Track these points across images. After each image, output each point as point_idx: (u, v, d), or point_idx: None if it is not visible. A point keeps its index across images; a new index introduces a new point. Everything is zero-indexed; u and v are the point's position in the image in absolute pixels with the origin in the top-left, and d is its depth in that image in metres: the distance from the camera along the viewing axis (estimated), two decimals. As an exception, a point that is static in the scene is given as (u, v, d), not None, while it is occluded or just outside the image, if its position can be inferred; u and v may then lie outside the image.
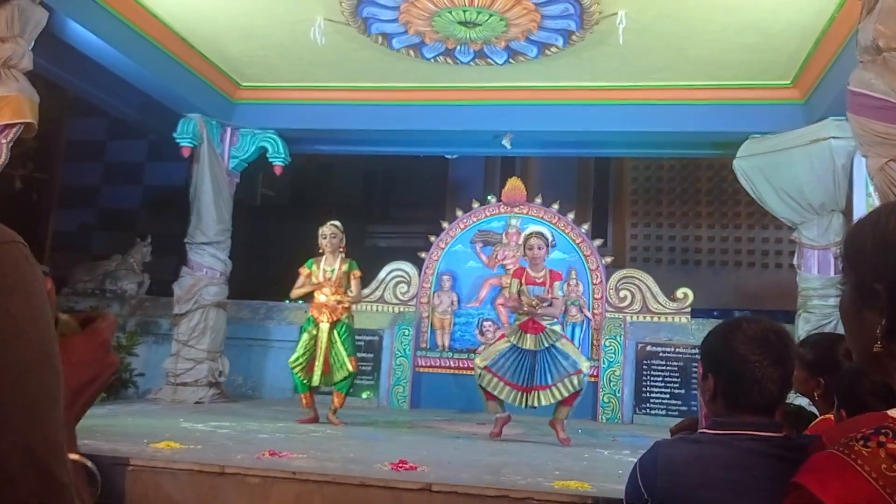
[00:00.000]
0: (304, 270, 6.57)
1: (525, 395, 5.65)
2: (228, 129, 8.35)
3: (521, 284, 5.86)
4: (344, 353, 6.37)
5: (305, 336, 6.46)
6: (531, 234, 5.96)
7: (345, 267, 6.51)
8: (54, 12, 5.38)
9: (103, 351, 0.77)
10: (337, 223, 6.66)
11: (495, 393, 5.70)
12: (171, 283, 8.20)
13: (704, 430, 1.84)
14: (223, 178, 8.18)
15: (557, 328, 5.86)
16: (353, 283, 6.52)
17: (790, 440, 1.70)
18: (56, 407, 0.61)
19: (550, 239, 6.11)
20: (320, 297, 6.46)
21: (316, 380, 6.39)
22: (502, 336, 6.05)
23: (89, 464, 0.75)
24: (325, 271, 6.50)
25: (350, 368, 6.37)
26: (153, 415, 6.44)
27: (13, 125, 4.69)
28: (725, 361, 1.78)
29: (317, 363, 6.35)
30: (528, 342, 5.69)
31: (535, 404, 5.69)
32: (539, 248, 5.83)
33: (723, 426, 1.76)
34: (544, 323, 5.72)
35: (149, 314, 9.11)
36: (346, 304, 6.47)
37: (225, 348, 8.21)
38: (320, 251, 6.55)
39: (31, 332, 0.60)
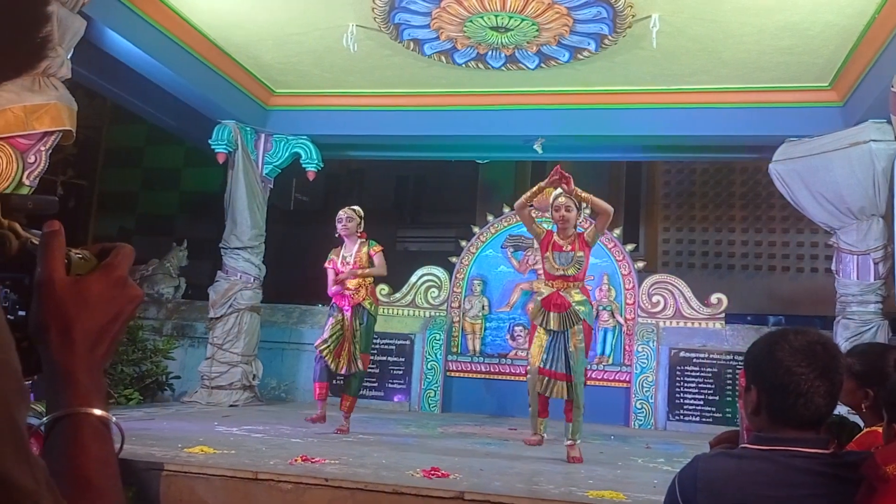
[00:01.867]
0: (328, 265, 6.39)
1: (549, 380, 5.11)
2: (262, 136, 8.43)
3: (542, 244, 5.32)
4: (357, 349, 6.13)
5: (332, 320, 6.24)
6: (560, 193, 5.29)
7: (364, 249, 6.27)
8: (92, 22, 5.47)
9: (121, 286, 0.74)
10: (355, 207, 6.44)
11: (548, 394, 5.12)
12: (207, 286, 8.30)
13: (747, 445, 1.80)
14: (257, 183, 8.27)
15: (583, 309, 5.19)
16: (375, 259, 6.24)
17: (839, 457, 1.65)
18: (14, 412, 0.56)
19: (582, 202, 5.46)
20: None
21: (339, 367, 6.11)
22: (533, 328, 5.37)
23: (114, 419, 0.72)
24: (344, 258, 6.30)
25: (360, 366, 6.13)
26: (188, 418, 6.51)
27: (52, 132, 4.77)
28: (770, 373, 1.73)
29: (344, 351, 6.13)
30: (553, 321, 5.14)
31: (566, 395, 5.10)
32: (568, 210, 5.22)
33: (766, 441, 1.71)
34: (570, 299, 5.13)
35: (185, 318, 9.21)
36: (369, 286, 6.24)
37: (259, 352, 8.29)
38: (338, 236, 6.34)
39: None
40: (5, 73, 0.69)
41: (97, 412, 0.70)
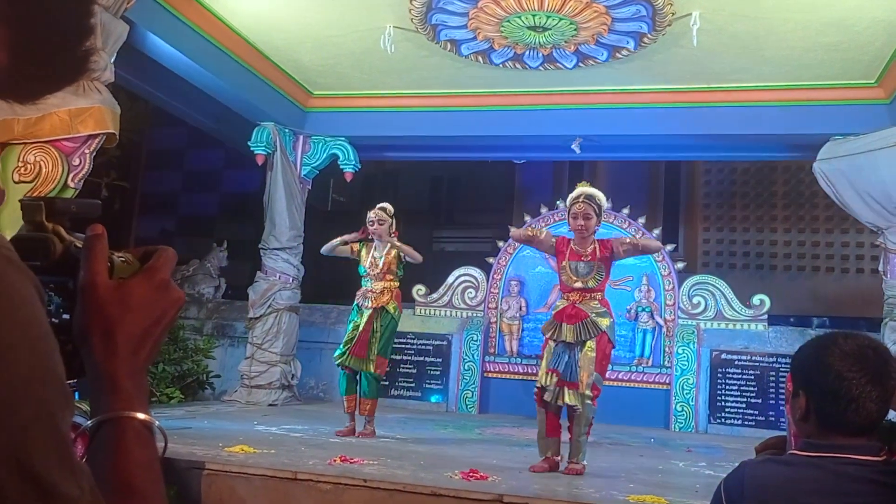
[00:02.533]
0: (354, 245, 6.17)
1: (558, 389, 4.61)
2: (301, 137, 8.50)
3: (557, 255, 4.87)
4: (375, 351, 5.86)
5: (350, 326, 6.04)
6: (580, 198, 4.74)
7: (394, 252, 6.03)
8: (135, 26, 5.55)
9: (163, 290, 0.74)
10: (385, 206, 6.15)
11: (558, 401, 4.63)
12: (246, 287, 8.39)
13: (795, 452, 1.76)
14: (296, 184, 8.33)
15: (605, 321, 4.70)
16: (407, 251, 5.96)
17: (891, 464, 1.60)
18: (58, 420, 0.55)
19: (604, 206, 4.97)
20: (366, 284, 6.07)
21: (347, 360, 5.84)
22: (546, 342, 4.89)
23: (157, 423, 0.72)
24: (373, 258, 6.04)
25: (373, 367, 5.83)
26: (228, 417, 6.58)
27: (96, 136, 4.84)
28: (819, 379, 1.69)
29: (360, 350, 5.83)
30: (567, 333, 4.65)
31: (561, 401, 4.61)
32: (587, 217, 4.69)
33: (816, 448, 1.67)
34: (587, 310, 4.67)
35: (225, 317, 9.32)
36: (394, 290, 6.00)
37: (297, 351, 8.35)
38: (370, 238, 6.14)
39: (20, 349, 0.53)
40: (48, 86, 0.69)
41: (140, 416, 0.70)
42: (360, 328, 5.88)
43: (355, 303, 6.13)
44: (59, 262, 0.71)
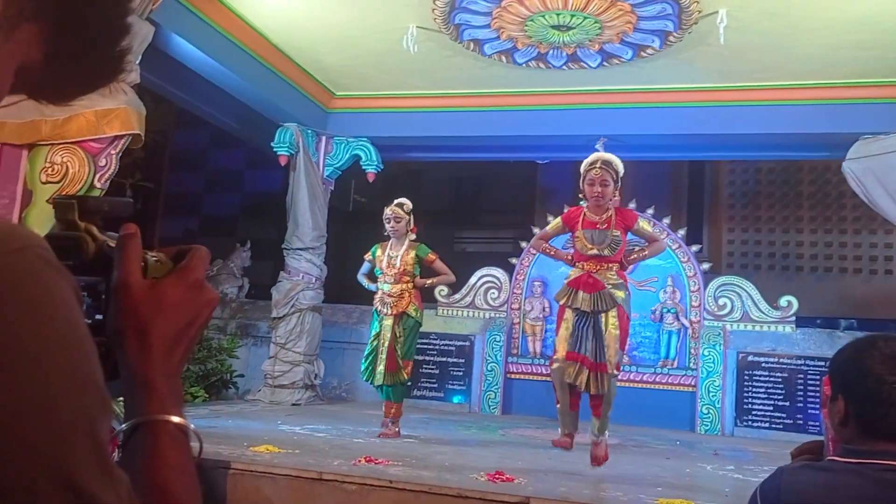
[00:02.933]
0: (367, 256, 6.02)
1: (576, 365, 4.35)
2: (323, 138, 8.51)
3: (570, 229, 4.59)
4: (399, 356, 5.71)
5: (372, 335, 5.87)
6: (596, 163, 4.50)
7: (412, 253, 5.81)
8: (160, 27, 5.58)
9: (197, 290, 0.72)
10: (403, 202, 5.94)
11: (577, 383, 4.35)
12: (270, 286, 8.42)
13: (834, 458, 1.71)
14: (318, 185, 8.35)
15: (621, 294, 4.47)
16: (437, 268, 5.84)
17: (936, 472, 1.56)
18: (97, 426, 0.54)
19: (621, 172, 4.63)
20: (383, 287, 5.84)
21: (379, 379, 5.71)
22: (560, 315, 4.60)
23: (192, 427, 0.70)
24: (389, 258, 5.80)
25: (404, 375, 5.73)
26: (252, 416, 6.60)
27: (122, 136, 4.87)
28: (858, 383, 1.65)
29: (380, 360, 5.70)
30: (584, 302, 4.40)
31: (593, 388, 4.35)
32: (604, 184, 4.47)
33: (856, 454, 1.63)
34: (603, 280, 4.44)
35: (248, 317, 9.36)
36: (413, 292, 5.80)
37: (320, 351, 8.36)
38: (386, 235, 5.95)
39: (58, 353, 0.52)
40: (82, 87, 0.68)
41: (175, 419, 0.68)
42: (386, 342, 5.70)
43: (374, 310, 5.94)
44: (92, 261, 0.70)
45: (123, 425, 0.69)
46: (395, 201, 5.97)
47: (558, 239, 5.39)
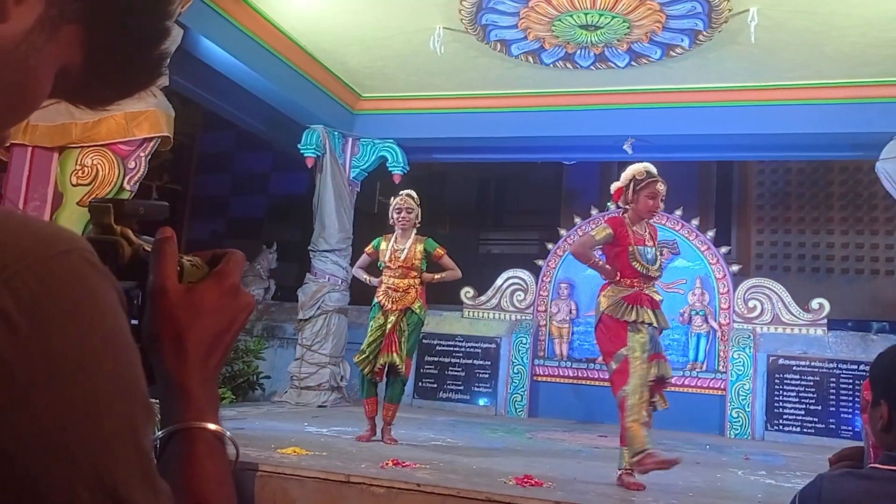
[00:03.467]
0: (368, 250, 5.73)
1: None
2: (350, 140, 8.53)
3: (620, 241, 4.39)
4: (403, 352, 5.40)
5: (373, 325, 5.54)
6: (655, 176, 4.46)
7: (419, 246, 5.53)
8: (188, 30, 5.62)
9: (234, 294, 0.71)
10: (411, 193, 5.63)
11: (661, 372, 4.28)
12: (296, 288, 8.44)
13: (876, 466, 1.67)
14: (345, 187, 8.36)
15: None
16: (445, 263, 5.58)
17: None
18: (140, 435, 0.52)
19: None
20: (389, 281, 5.53)
21: (376, 363, 5.40)
22: (623, 326, 4.29)
23: (228, 434, 0.69)
24: (393, 251, 5.52)
25: (404, 371, 5.42)
26: (279, 418, 6.62)
27: (151, 139, 4.91)
28: None
29: (383, 353, 5.40)
30: (653, 318, 4.30)
31: (660, 371, 4.28)
32: (663, 199, 4.48)
33: (899, 462, 1.58)
34: (657, 299, 4.42)
35: (274, 319, 9.39)
36: (419, 288, 5.52)
37: (346, 353, 8.36)
38: (391, 224, 5.64)
39: (104, 359, 0.50)
40: (120, 90, 0.67)
41: (212, 427, 0.67)
42: (387, 329, 5.42)
43: (376, 301, 5.60)
44: (128, 265, 0.69)
45: (160, 432, 0.67)
46: (404, 192, 5.65)
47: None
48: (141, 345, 0.68)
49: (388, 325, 5.40)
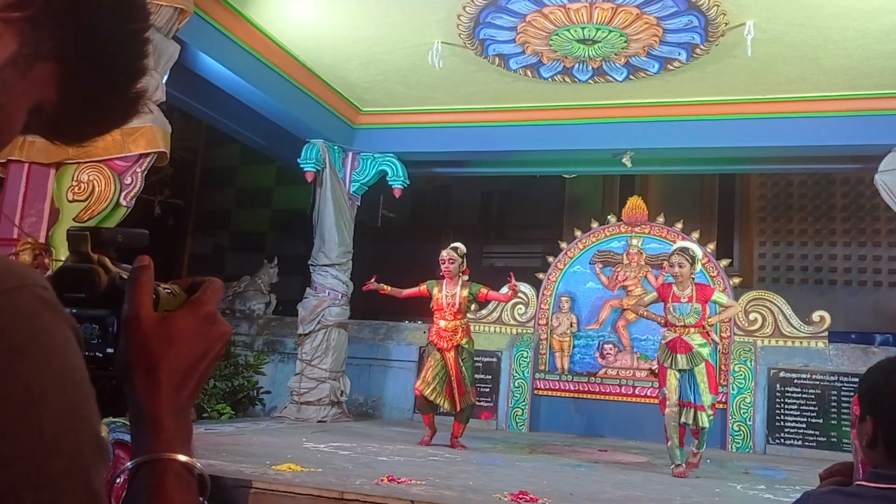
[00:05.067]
0: (421, 287, 6.58)
1: (685, 409, 5.54)
2: (350, 154, 8.54)
3: (662, 300, 5.78)
4: (466, 384, 6.37)
5: (432, 360, 6.43)
6: (674, 251, 5.83)
7: (464, 292, 6.41)
8: (186, 46, 5.64)
9: (210, 323, 0.70)
10: (458, 246, 6.52)
11: (691, 421, 5.55)
12: (296, 302, 8.43)
13: (862, 483, 1.65)
14: (345, 201, 8.37)
15: (705, 350, 5.66)
16: (492, 297, 6.64)
17: (968, 500, 1.49)
18: (91, 475, 0.51)
19: (697, 255, 5.86)
20: (440, 323, 6.43)
21: (448, 406, 6.41)
22: (662, 369, 5.72)
23: (198, 465, 0.68)
24: (446, 297, 6.42)
25: (471, 399, 6.41)
26: (277, 433, 6.60)
27: (147, 154, 4.92)
28: (888, 404, 1.59)
29: (452, 389, 6.37)
30: (682, 361, 5.55)
31: (695, 423, 5.53)
32: (680, 266, 5.61)
33: (884, 479, 1.56)
34: (691, 343, 5.59)
35: (275, 333, 9.38)
36: (465, 326, 6.49)
37: (346, 367, 8.35)
38: (441, 276, 6.48)
39: (52, 397, 0.49)
40: (96, 127, 0.67)
41: (181, 458, 0.66)
42: (451, 373, 6.33)
43: (430, 342, 6.54)
44: (104, 294, 0.68)
45: (129, 463, 0.67)
46: (451, 245, 6.52)
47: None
48: (115, 374, 0.68)
49: (450, 364, 6.34)
